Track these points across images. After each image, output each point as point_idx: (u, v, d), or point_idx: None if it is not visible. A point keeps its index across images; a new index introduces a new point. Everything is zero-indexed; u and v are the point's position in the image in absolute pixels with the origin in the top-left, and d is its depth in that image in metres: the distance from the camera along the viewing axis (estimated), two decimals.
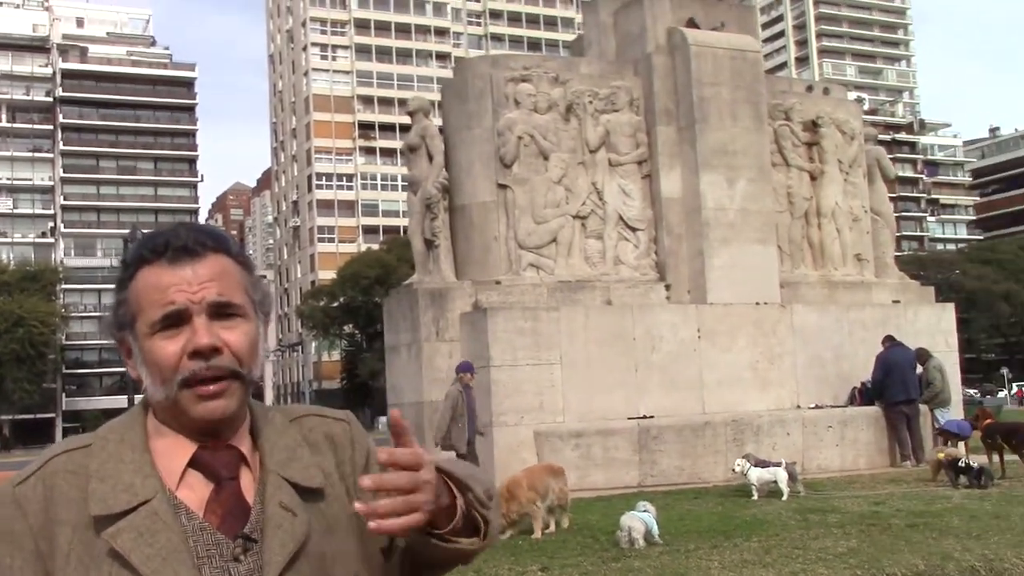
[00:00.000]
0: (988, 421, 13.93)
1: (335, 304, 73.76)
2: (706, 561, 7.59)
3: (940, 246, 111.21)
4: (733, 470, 12.15)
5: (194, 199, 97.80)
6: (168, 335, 1.48)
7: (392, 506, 1.38)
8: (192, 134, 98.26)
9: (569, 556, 8.21)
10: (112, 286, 1.62)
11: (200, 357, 1.47)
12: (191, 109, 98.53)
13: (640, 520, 8.40)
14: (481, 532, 1.54)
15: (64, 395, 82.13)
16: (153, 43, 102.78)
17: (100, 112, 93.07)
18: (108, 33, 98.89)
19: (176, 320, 1.48)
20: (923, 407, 15.42)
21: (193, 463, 1.50)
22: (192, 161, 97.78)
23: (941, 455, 12.67)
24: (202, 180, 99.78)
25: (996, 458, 13.37)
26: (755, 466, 11.73)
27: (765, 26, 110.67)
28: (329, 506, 1.54)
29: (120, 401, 69.79)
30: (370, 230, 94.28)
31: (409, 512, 1.39)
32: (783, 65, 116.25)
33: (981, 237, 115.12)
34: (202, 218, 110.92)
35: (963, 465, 11.94)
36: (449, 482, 1.49)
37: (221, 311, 1.50)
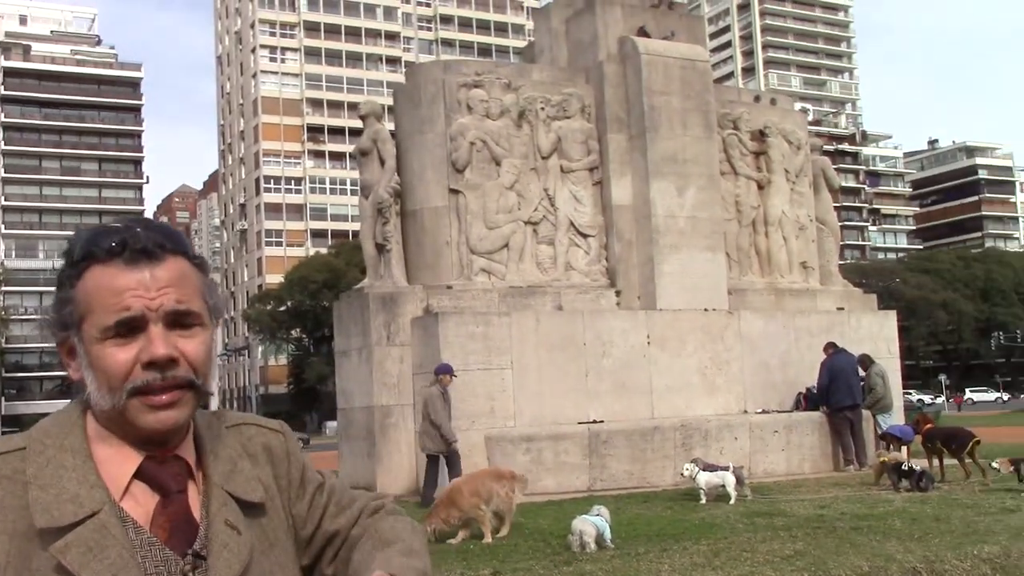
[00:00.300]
0: (928, 426, 14.25)
1: (282, 308, 73.13)
2: (656, 564, 7.68)
3: (881, 255, 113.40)
4: (682, 474, 12.29)
5: (139, 201, 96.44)
6: (120, 342, 1.39)
7: None
8: (138, 135, 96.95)
9: (521, 560, 8.25)
10: (53, 289, 1.54)
11: (155, 368, 1.39)
12: (137, 110, 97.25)
13: (592, 524, 8.46)
14: None
15: (3, 399, 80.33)
16: (98, 42, 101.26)
17: (43, 112, 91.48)
18: (52, 31, 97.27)
19: (130, 327, 1.39)
20: (865, 412, 15.72)
21: (139, 474, 1.42)
22: (137, 162, 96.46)
23: (883, 459, 12.94)
24: (148, 182, 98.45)
25: (936, 462, 13.67)
26: (703, 470, 11.87)
27: (713, 36, 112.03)
28: (270, 521, 1.52)
29: (62, 405, 68.32)
30: (318, 234, 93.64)
31: None
32: (730, 75, 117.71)
33: (920, 247, 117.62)
34: None
35: (906, 469, 12.20)
36: None
37: (179, 319, 1.42)
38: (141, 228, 1.44)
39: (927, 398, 59.05)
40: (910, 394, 39.50)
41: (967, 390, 75.94)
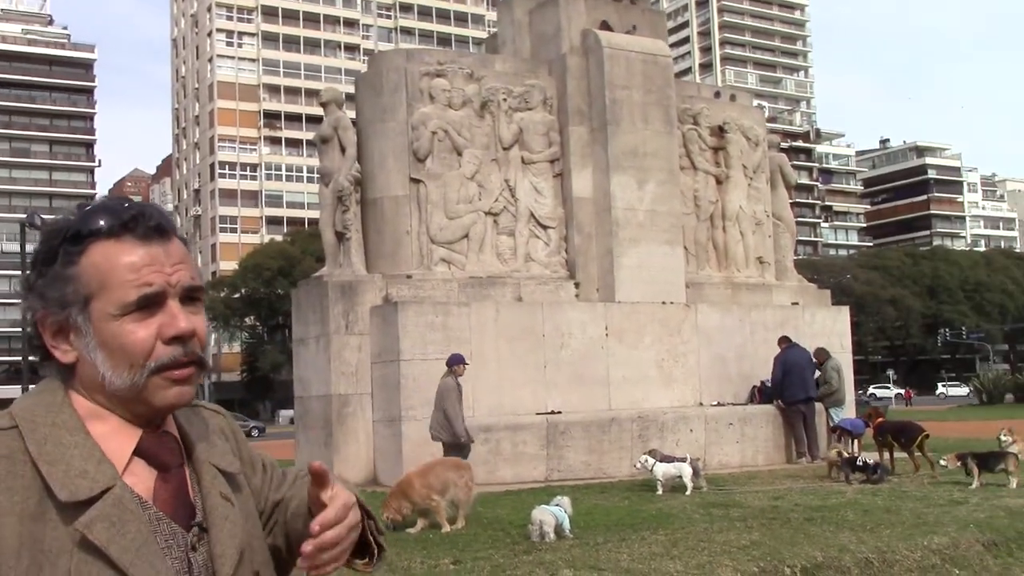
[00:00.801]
0: (880, 420, 14.51)
1: (236, 296, 72.46)
2: (615, 554, 7.75)
3: (832, 252, 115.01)
4: (635, 466, 12.41)
5: (91, 184, 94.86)
6: (139, 319, 1.38)
7: (331, 557, 1.45)
8: (90, 117, 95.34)
9: (480, 549, 8.29)
10: (4, 272, 1.49)
11: (179, 343, 1.40)
12: (89, 91, 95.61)
13: (551, 514, 8.54)
14: (373, 556, 1.59)
15: None
16: (51, 22, 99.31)
17: None
18: (2, 10, 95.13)
19: (150, 303, 1.38)
20: (818, 405, 15.96)
21: (137, 450, 1.41)
22: (89, 145, 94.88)
23: (834, 452, 13.17)
24: (100, 165, 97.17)
25: (887, 455, 13.93)
26: (660, 462, 12.00)
27: (671, 31, 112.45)
28: (243, 492, 1.55)
29: (12, 391, 67.21)
30: (274, 221, 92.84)
31: (340, 556, 1.47)
32: (688, 71, 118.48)
33: (870, 244, 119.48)
34: None
35: (860, 464, 12.43)
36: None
37: (190, 295, 1.44)
38: (148, 207, 1.45)
39: (881, 392, 60.11)
40: (862, 392, 40.14)
41: (940, 384, 77.28)
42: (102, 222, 1.40)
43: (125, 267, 1.38)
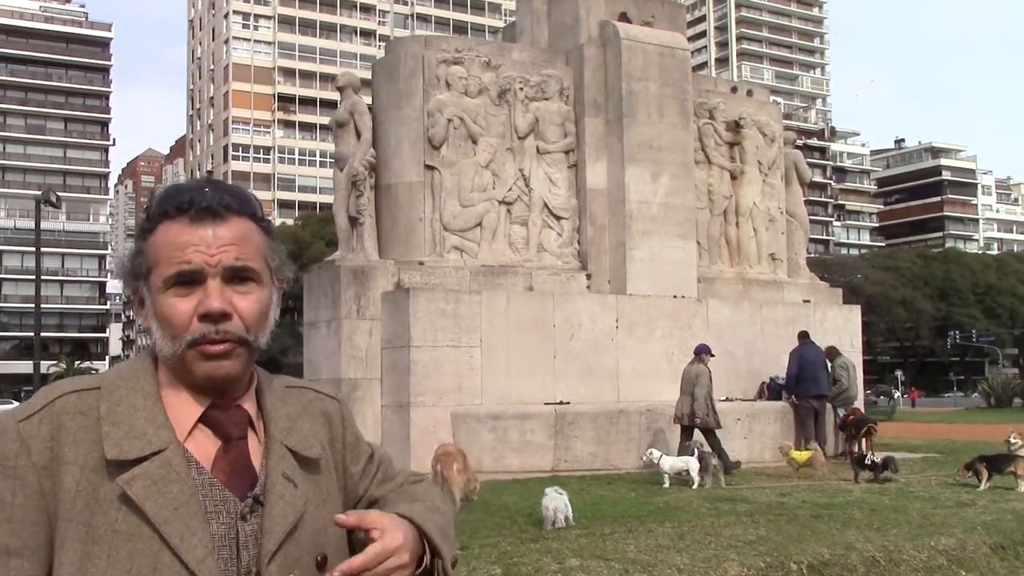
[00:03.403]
0: (851, 416, 15.42)
1: None
2: (622, 544, 7.77)
3: (844, 251, 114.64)
4: (642, 458, 12.39)
5: (105, 163, 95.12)
6: (181, 293, 1.48)
7: None
8: (105, 96, 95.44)
9: (487, 536, 8.31)
10: (17, 248, 1.60)
11: (209, 320, 1.47)
12: (105, 70, 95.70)
13: (561, 500, 8.69)
14: None
15: None
16: (68, 0, 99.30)
17: (9, 68, 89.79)
18: None
19: (190, 279, 1.48)
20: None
21: (203, 419, 1.51)
22: (104, 124, 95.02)
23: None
24: (114, 144, 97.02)
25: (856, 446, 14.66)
26: (667, 455, 12.03)
27: (688, 25, 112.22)
28: (324, 478, 1.61)
29: (24, 366, 67.62)
30: (285, 204, 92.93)
31: None
32: (703, 65, 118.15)
33: (883, 244, 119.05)
34: (111, 183, 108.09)
35: (869, 462, 12.45)
36: (424, 537, 1.57)
37: (237, 275, 1.51)
38: (210, 188, 1.54)
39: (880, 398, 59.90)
40: (870, 392, 40.11)
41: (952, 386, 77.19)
42: (165, 205, 1.53)
43: (172, 245, 1.49)
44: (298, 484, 1.53)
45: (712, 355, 13.86)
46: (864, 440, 14.51)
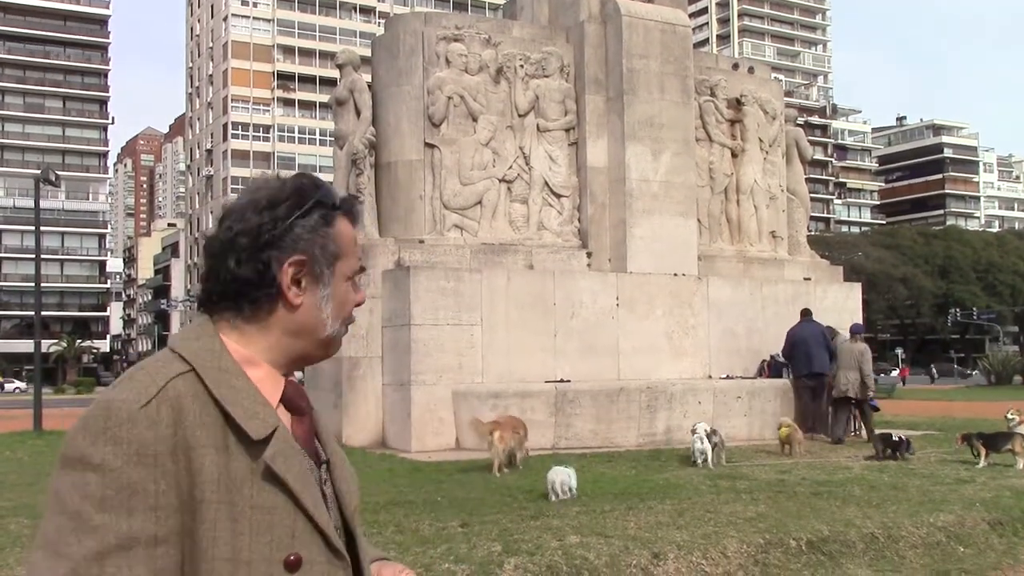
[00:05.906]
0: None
1: None
2: (623, 521, 7.80)
3: (845, 228, 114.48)
4: (693, 431, 12.06)
5: (103, 141, 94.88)
6: (353, 285, 1.66)
7: None
8: (104, 74, 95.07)
9: (488, 513, 8.34)
10: (16, 227, 1.61)
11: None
12: (104, 48, 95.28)
13: (566, 473, 8.95)
14: None
15: None
16: None
17: (7, 45, 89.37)
18: None
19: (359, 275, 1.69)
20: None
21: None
22: (103, 102, 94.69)
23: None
24: (113, 122, 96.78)
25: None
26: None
27: (689, 1, 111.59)
28: None
29: (25, 345, 67.63)
30: None
31: None
32: (705, 42, 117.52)
33: (883, 222, 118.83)
34: (110, 162, 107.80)
35: (896, 439, 12.48)
36: None
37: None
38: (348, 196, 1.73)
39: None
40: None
41: (954, 365, 76.98)
42: (344, 202, 1.66)
43: (351, 242, 1.65)
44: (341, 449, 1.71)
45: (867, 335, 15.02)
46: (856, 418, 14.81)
